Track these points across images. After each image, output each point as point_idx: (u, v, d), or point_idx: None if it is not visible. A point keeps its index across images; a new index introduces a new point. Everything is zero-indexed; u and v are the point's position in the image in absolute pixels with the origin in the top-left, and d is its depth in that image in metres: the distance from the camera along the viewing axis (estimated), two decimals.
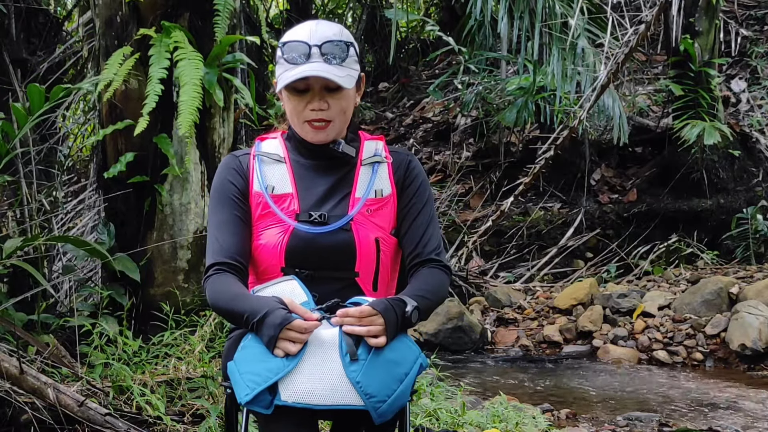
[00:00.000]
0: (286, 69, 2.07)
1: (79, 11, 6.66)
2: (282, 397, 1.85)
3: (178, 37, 3.95)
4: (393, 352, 1.93)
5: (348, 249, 2.09)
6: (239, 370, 1.92)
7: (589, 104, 7.26)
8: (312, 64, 2.05)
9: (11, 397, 3.14)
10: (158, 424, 3.28)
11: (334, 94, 2.09)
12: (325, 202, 2.12)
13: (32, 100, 3.50)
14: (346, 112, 2.14)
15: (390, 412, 1.90)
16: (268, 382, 1.86)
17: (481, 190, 9.63)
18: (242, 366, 1.92)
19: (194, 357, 3.71)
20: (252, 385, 1.87)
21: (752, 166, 8.76)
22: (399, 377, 1.92)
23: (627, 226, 8.64)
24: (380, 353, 1.90)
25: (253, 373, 1.88)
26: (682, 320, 6.48)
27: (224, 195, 2.15)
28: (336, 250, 2.08)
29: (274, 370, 1.86)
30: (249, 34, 4.75)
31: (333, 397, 1.85)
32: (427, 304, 2.06)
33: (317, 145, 2.14)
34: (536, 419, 4.03)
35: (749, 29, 10.50)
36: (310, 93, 2.08)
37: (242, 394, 1.88)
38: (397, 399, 1.91)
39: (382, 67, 12.47)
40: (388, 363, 1.91)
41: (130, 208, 4.18)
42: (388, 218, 2.16)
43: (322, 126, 2.10)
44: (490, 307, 7.47)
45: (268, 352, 1.89)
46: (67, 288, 4.44)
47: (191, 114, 3.81)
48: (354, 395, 1.86)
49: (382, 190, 2.15)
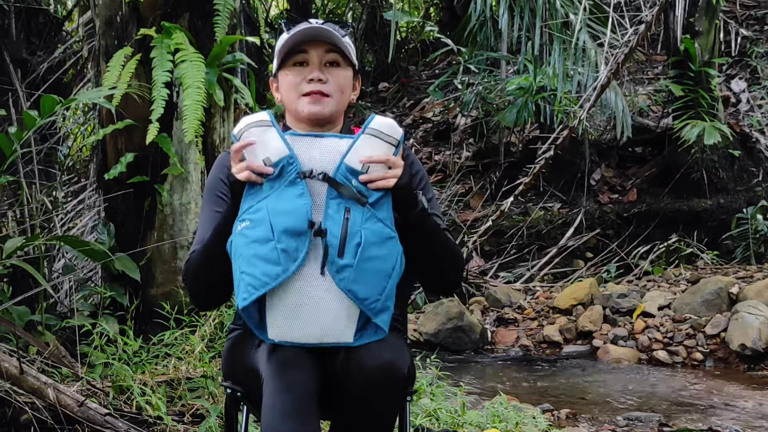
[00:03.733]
0: (286, 40, 2.10)
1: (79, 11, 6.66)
2: (270, 335, 1.90)
3: (179, 39, 3.95)
4: (379, 248, 1.92)
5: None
6: (240, 268, 1.93)
7: (589, 104, 7.26)
8: (314, 27, 2.09)
9: (11, 397, 3.14)
10: (158, 424, 3.27)
11: (332, 69, 2.11)
12: None
13: (44, 109, 3.50)
14: (344, 92, 2.14)
15: (385, 308, 1.92)
16: (265, 287, 1.88)
17: (481, 190, 9.63)
18: (242, 263, 1.93)
19: (194, 357, 3.71)
20: (250, 290, 1.89)
21: (752, 166, 8.76)
22: (387, 272, 1.93)
23: (627, 226, 8.65)
24: (367, 251, 1.90)
25: (252, 275, 1.90)
26: (682, 320, 6.48)
27: (212, 191, 2.18)
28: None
29: (272, 275, 1.88)
30: (249, 34, 4.76)
31: (321, 335, 1.89)
32: (434, 222, 2.08)
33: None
34: (536, 419, 4.02)
35: (749, 29, 10.50)
36: (309, 67, 2.10)
37: (240, 298, 1.92)
38: (389, 295, 1.93)
39: (382, 67, 12.48)
40: (375, 260, 1.91)
41: (130, 208, 4.17)
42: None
43: (320, 98, 2.10)
44: (490, 307, 7.47)
45: (265, 243, 1.90)
46: (67, 288, 4.45)
47: (196, 119, 3.82)
48: (341, 333, 1.89)
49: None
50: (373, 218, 1.93)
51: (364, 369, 1.90)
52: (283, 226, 1.89)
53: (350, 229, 1.90)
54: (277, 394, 1.88)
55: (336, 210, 1.91)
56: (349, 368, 1.91)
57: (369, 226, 1.92)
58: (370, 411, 1.97)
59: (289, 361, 1.89)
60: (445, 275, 2.14)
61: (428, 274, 2.12)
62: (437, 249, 2.08)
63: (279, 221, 1.90)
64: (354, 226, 1.90)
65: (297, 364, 1.89)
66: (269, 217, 1.91)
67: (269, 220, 1.90)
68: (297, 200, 1.91)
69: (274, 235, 1.89)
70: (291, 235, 1.89)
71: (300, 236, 1.89)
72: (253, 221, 1.92)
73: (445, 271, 2.13)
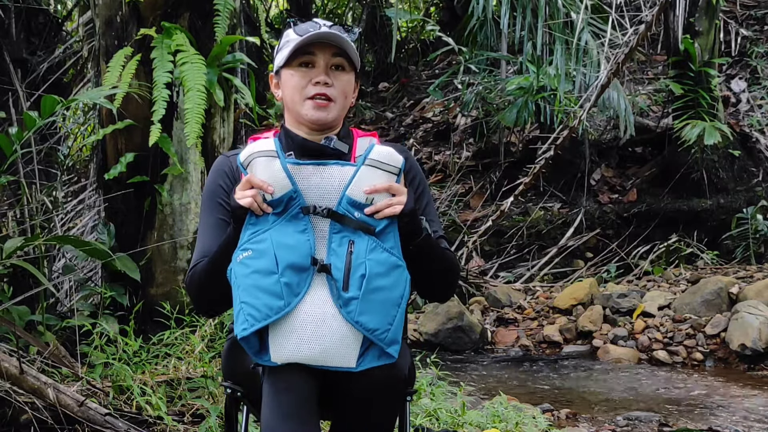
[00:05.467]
0: (295, 40, 2.10)
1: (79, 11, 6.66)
2: (273, 358, 1.89)
3: (180, 40, 3.95)
4: (385, 278, 1.92)
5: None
6: (240, 298, 1.92)
7: (590, 104, 7.26)
8: (324, 30, 2.09)
9: (11, 397, 3.14)
10: (158, 424, 3.28)
11: (338, 72, 2.11)
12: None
13: (44, 110, 3.49)
14: (347, 97, 2.15)
15: (395, 339, 1.92)
16: (266, 320, 1.87)
17: (481, 190, 9.63)
18: (243, 294, 1.92)
19: (194, 357, 3.71)
20: (250, 320, 1.89)
21: (752, 166, 8.76)
22: (396, 302, 1.93)
23: (627, 226, 8.64)
24: (373, 282, 1.90)
25: (253, 306, 1.89)
26: (682, 320, 6.48)
27: (212, 199, 2.17)
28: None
29: (274, 308, 1.88)
30: (249, 34, 4.75)
31: (324, 359, 1.88)
32: (435, 243, 2.09)
33: (309, 143, 2.13)
34: (536, 419, 4.02)
35: (749, 29, 10.50)
36: (315, 69, 2.10)
37: (239, 329, 1.90)
38: (399, 323, 1.93)
39: (382, 67, 12.48)
40: (381, 291, 1.91)
41: (130, 208, 4.17)
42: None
43: (324, 103, 2.09)
44: (490, 307, 7.47)
45: (268, 276, 1.89)
46: (68, 288, 4.45)
47: (197, 123, 3.82)
48: (343, 358, 1.88)
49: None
50: (379, 248, 1.94)
51: (365, 369, 1.90)
52: (287, 260, 1.90)
53: (354, 262, 1.91)
54: (277, 394, 1.89)
55: (339, 243, 1.93)
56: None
57: (374, 256, 1.92)
58: (371, 411, 1.97)
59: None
60: (443, 289, 2.20)
61: (427, 289, 2.17)
62: (437, 268, 2.12)
63: (283, 255, 1.91)
64: (358, 258, 1.91)
65: (297, 364, 1.89)
66: (274, 249, 1.92)
67: (274, 252, 1.91)
68: (299, 236, 1.93)
69: (279, 269, 1.90)
70: (295, 270, 1.90)
71: (303, 272, 1.91)
72: (256, 252, 1.93)
73: (445, 285, 2.19)
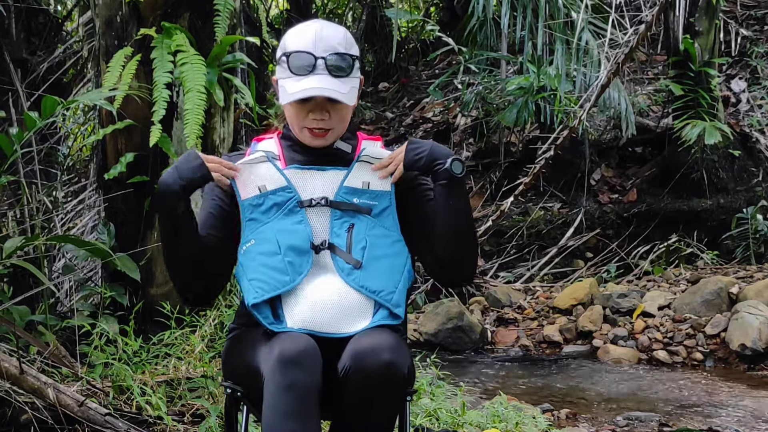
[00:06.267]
0: (289, 77, 2.10)
1: (79, 11, 6.65)
2: (288, 324, 1.97)
3: (180, 40, 3.95)
4: (385, 249, 2.05)
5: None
6: (247, 276, 2.03)
7: (590, 104, 7.26)
8: (317, 76, 2.07)
9: (11, 397, 3.14)
10: (158, 424, 3.28)
11: (335, 105, 2.12)
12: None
13: (45, 110, 3.50)
14: (345, 119, 2.18)
15: (401, 302, 2.02)
16: (276, 291, 1.98)
17: (481, 190, 9.62)
18: (250, 273, 2.03)
19: (194, 357, 3.71)
20: (260, 291, 2.00)
21: (752, 166, 8.76)
22: (399, 268, 2.05)
23: (627, 226, 8.63)
24: (373, 251, 2.02)
25: (261, 280, 2.00)
26: (682, 320, 6.48)
27: (210, 196, 2.22)
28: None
29: (281, 281, 1.99)
30: (249, 34, 4.75)
31: (335, 326, 1.97)
32: (466, 192, 2.14)
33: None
34: (536, 419, 4.03)
35: (749, 29, 10.49)
36: (312, 102, 2.11)
37: (250, 298, 2.00)
38: (403, 289, 2.04)
39: (382, 67, 12.47)
40: (384, 258, 2.04)
41: (130, 208, 4.17)
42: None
43: (322, 134, 2.14)
44: (490, 307, 7.47)
45: (272, 256, 2.01)
46: (68, 288, 4.44)
47: (197, 124, 3.82)
48: (355, 321, 1.97)
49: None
50: (378, 226, 2.07)
51: (364, 369, 1.90)
52: (288, 242, 2.02)
53: (354, 238, 2.04)
54: (278, 393, 1.89)
55: (340, 227, 2.06)
56: (350, 368, 1.92)
57: (374, 232, 2.06)
58: (371, 411, 1.97)
59: (291, 360, 1.89)
60: (462, 262, 2.12)
61: (448, 256, 2.09)
62: (462, 223, 2.09)
63: (284, 239, 2.03)
64: (358, 235, 2.04)
65: (298, 363, 1.89)
66: (275, 236, 2.04)
67: (275, 238, 2.04)
68: (297, 225, 2.06)
69: (281, 250, 2.01)
70: (296, 252, 2.02)
71: (304, 254, 2.03)
72: (259, 240, 2.06)
73: (464, 257, 2.12)
